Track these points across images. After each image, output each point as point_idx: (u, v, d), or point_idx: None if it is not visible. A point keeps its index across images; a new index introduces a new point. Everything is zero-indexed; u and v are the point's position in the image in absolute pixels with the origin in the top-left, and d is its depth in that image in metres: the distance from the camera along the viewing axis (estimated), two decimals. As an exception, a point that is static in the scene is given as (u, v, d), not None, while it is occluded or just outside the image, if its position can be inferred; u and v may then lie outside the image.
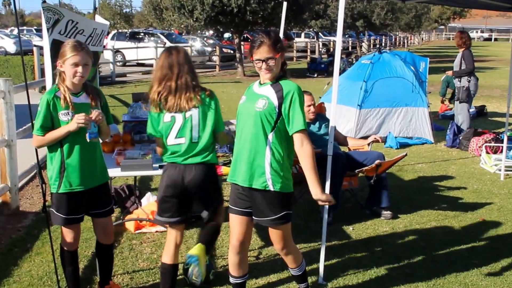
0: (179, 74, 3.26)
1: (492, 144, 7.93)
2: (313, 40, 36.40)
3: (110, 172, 3.65)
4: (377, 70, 9.30)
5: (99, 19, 5.38)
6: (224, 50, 27.62)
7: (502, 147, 7.21)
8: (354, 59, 21.61)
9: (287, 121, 3.08)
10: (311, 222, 5.19)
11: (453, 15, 71.19)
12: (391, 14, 32.42)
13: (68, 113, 3.23)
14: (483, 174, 7.21)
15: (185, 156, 3.30)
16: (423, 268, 4.26)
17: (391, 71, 9.29)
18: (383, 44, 41.33)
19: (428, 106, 9.12)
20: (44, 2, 3.83)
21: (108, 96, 13.15)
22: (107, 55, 20.91)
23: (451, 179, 6.93)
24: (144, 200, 5.48)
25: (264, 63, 3.07)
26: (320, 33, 38.21)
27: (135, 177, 5.63)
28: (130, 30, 31.41)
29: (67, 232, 3.42)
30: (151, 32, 28.32)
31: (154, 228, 4.96)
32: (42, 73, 13.06)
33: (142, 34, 27.75)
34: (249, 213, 3.25)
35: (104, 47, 14.52)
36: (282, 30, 6.00)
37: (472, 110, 10.52)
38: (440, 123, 10.49)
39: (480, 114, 11.83)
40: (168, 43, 25.09)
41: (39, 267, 4.21)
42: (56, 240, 4.64)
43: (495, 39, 75.96)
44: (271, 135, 3.09)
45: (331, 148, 4.03)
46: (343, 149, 5.77)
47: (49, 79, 3.96)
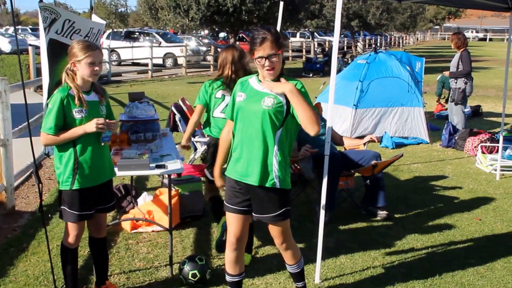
0: None
1: (488, 144, 7.96)
2: (308, 40, 36.43)
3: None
4: (373, 70, 9.31)
5: (95, 18, 5.37)
6: (219, 50, 27.56)
7: (498, 147, 7.24)
8: (350, 59, 21.67)
9: (297, 116, 3.04)
10: (307, 222, 5.19)
11: (448, 15, 71.57)
12: (386, 14, 32.43)
13: (81, 110, 3.27)
14: (479, 174, 7.23)
15: None
16: (419, 268, 4.27)
17: (387, 71, 9.30)
18: (378, 44, 41.41)
19: (424, 106, 9.15)
20: (41, 1, 3.83)
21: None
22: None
23: (446, 179, 6.96)
24: (140, 200, 5.47)
25: (267, 60, 3.00)
26: (315, 33, 38.26)
27: (131, 176, 5.63)
28: (125, 30, 31.32)
29: (73, 229, 3.41)
30: (146, 31, 28.25)
31: (150, 228, 4.96)
32: (38, 72, 13.00)
33: (137, 33, 27.70)
34: (246, 210, 3.25)
35: (100, 46, 14.45)
36: (279, 30, 5.99)
37: (467, 110, 10.55)
38: (436, 123, 10.51)
39: (476, 114, 11.86)
40: (164, 43, 25.06)
41: (35, 266, 4.20)
42: (52, 239, 4.64)
43: (490, 39, 76.32)
44: (279, 133, 3.08)
45: (328, 148, 4.03)
46: (339, 148, 5.78)
47: (45, 79, 3.95)
